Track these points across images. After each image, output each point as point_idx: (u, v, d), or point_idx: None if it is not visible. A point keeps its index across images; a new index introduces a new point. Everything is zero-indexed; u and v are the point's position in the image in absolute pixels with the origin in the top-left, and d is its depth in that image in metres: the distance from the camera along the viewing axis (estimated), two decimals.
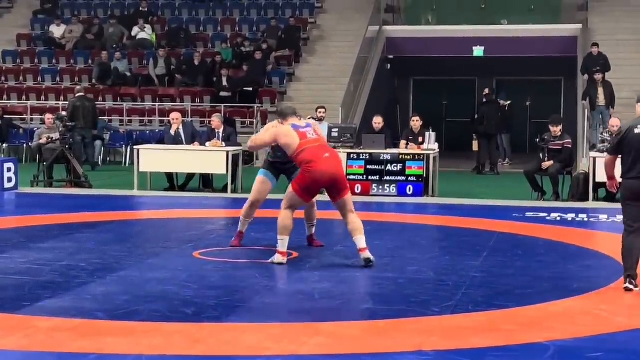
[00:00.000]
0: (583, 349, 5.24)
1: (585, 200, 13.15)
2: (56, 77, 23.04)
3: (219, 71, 21.65)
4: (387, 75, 24.36)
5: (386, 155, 13.74)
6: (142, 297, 6.49)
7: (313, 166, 7.79)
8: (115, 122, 21.36)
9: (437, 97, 25.88)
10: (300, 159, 7.89)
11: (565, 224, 10.83)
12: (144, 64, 23.08)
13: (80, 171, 14.67)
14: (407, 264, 7.97)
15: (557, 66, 23.21)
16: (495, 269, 7.76)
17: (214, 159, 14.00)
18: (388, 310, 6.14)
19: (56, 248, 8.59)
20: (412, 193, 13.53)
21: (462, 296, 6.61)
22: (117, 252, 8.41)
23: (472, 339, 5.39)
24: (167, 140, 14.70)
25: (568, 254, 8.68)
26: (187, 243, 9.00)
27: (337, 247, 8.91)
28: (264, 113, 21.02)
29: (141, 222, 11.41)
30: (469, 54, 22.85)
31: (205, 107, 21.34)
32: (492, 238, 9.60)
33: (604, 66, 19.18)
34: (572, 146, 14.09)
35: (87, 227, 10.14)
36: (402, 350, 5.14)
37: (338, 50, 22.95)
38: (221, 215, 11.95)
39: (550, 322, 5.86)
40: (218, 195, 13.89)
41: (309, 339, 5.35)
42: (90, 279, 7.14)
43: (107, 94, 22.18)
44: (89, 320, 5.77)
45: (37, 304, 6.18)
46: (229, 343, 5.28)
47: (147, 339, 5.35)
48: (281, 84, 22.17)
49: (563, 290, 6.86)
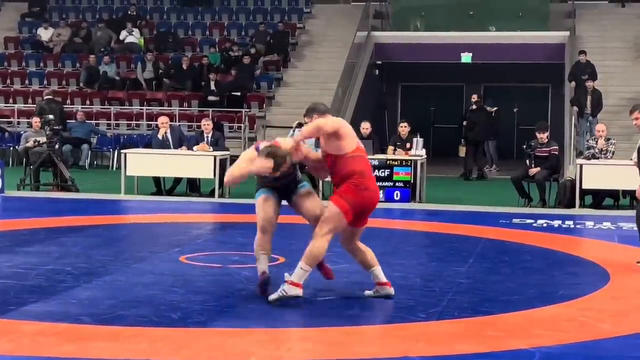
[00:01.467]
0: (568, 356, 5.25)
1: (571, 206, 13.20)
2: (43, 81, 22.99)
3: (207, 75, 21.64)
4: (375, 80, 24.39)
5: (374, 160, 13.75)
6: (128, 301, 6.47)
7: (368, 183, 6.40)
8: (102, 126, 21.31)
9: (425, 103, 25.91)
10: (350, 168, 6.39)
11: (552, 230, 10.86)
12: (132, 68, 23.05)
13: (67, 175, 14.63)
14: (393, 269, 7.95)
15: (544, 73, 23.30)
16: (482, 275, 7.78)
17: (202, 164, 13.99)
18: (374, 316, 6.15)
19: (42, 252, 8.56)
20: (400, 199, 13.55)
21: (448, 302, 6.62)
22: (103, 257, 8.38)
23: (457, 345, 5.40)
24: (155, 145, 14.68)
25: (554, 261, 8.70)
26: (174, 247, 8.98)
27: None
28: (252, 118, 21.02)
29: (128, 227, 11.38)
30: (457, 60, 22.90)
31: (193, 111, 21.33)
32: (479, 244, 9.62)
33: (592, 74, 19.27)
34: (559, 153, 14.14)
35: (73, 231, 10.11)
36: (388, 356, 5.14)
37: (326, 56, 22.98)
38: (208, 220, 11.94)
39: (535, 328, 5.88)
40: (205, 200, 13.88)
41: (295, 344, 5.35)
42: (76, 283, 7.11)
43: (94, 97, 22.14)
44: (74, 324, 5.75)
45: (22, 308, 6.15)
46: (214, 348, 5.27)
47: (132, 343, 5.33)
48: (269, 88, 22.18)
49: (548, 296, 6.88)
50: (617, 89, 20.26)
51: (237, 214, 11.74)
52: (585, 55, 19.72)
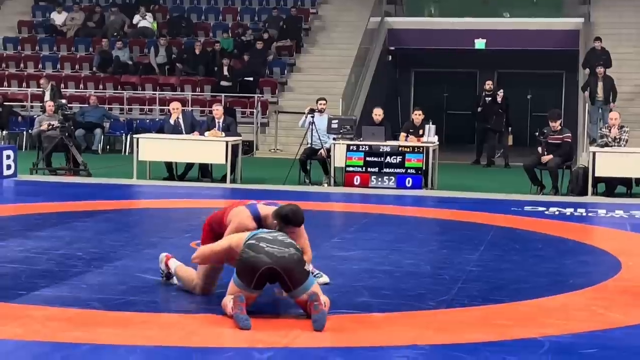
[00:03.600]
0: (578, 345, 5.24)
1: (584, 194, 13.15)
2: (57, 65, 23.05)
3: (220, 61, 21.62)
4: (388, 66, 24.34)
5: (386, 147, 13.73)
6: (138, 287, 6.49)
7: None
8: (115, 111, 21.36)
9: (438, 90, 25.85)
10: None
11: (564, 218, 10.82)
12: (145, 53, 23.07)
13: (79, 159, 14.67)
14: (404, 257, 7.96)
15: (558, 60, 23.20)
16: (492, 263, 7.76)
17: (213, 149, 13.99)
18: (383, 303, 6.13)
19: (53, 237, 8.59)
20: (411, 185, 13.53)
21: (458, 290, 6.61)
22: (115, 242, 8.41)
23: (467, 333, 5.39)
24: (167, 130, 14.69)
25: (565, 249, 8.67)
26: (185, 233, 9.00)
27: (333, 239, 8.90)
28: (264, 103, 21.01)
29: (139, 212, 11.40)
30: (470, 47, 22.83)
31: (206, 96, 21.33)
32: (490, 232, 9.60)
33: (607, 61, 19.16)
34: (572, 140, 14.07)
35: (85, 216, 10.14)
36: (397, 344, 5.14)
37: (339, 41, 22.93)
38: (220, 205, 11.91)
39: (545, 317, 5.86)
40: (217, 185, 13.89)
41: (302, 331, 5.35)
42: (87, 268, 7.13)
43: (107, 82, 22.18)
44: (84, 310, 5.76)
45: (32, 293, 6.18)
46: (224, 335, 5.28)
47: (142, 329, 5.35)
48: (282, 74, 22.15)
49: (559, 285, 6.86)
50: (631, 76, 20.15)
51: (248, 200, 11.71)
52: (600, 42, 19.60)
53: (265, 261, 5.49)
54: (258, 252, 5.53)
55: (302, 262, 5.64)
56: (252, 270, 5.52)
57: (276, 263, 5.49)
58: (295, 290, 5.57)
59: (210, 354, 4.92)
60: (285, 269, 5.50)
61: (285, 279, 5.51)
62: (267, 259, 5.49)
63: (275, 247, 5.55)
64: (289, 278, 5.52)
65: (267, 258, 5.50)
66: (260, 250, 5.54)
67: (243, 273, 5.56)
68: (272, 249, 5.54)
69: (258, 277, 5.52)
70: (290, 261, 5.53)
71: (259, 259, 5.50)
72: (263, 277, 5.54)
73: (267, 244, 5.58)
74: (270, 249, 5.54)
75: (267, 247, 5.55)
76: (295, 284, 5.53)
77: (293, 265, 5.53)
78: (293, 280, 5.52)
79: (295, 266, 5.55)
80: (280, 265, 5.49)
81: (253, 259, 5.52)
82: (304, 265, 5.68)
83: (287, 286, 5.57)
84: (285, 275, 5.50)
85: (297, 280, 5.54)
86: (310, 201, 11.65)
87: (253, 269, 5.51)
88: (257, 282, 5.55)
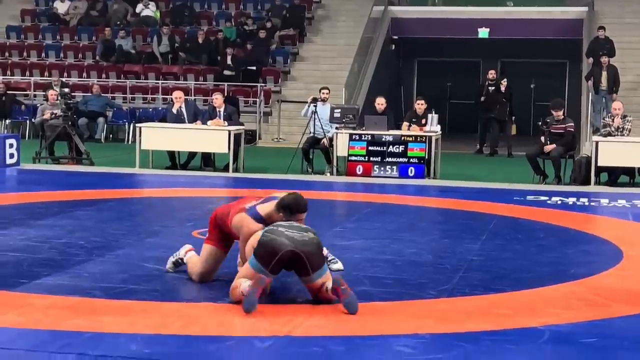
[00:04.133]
0: (578, 334, 5.24)
1: (587, 184, 13.13)
2: (60, 54, 23.03)
3: (223, 50, 21.59)
4: (391, 56, 24.29)
5: (388, 136, 13.72)
6: (140, 276, 6.50)
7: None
8: (118, 100, 21.35)
9: (441, 79, 25.81)
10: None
11: (566, 207, 10.82)
12: (148, 42, 23.04)
13: (82, 148, 14.68)
14: (406, 246, 7.97)
15: (562, 49, 23.14)
16: (494, 253, 7.76)
17: (216, 138, 13.99)
18: (384, 292, 6.14)
19: (56, 225, 8.60)
20: (414, 175, 13.53)
21: (459, 279, 6.61)
22: (117, 230, 8.42)
23: (467, 322, 5.39)
24: (169, 119, 14.70)
25: (567, 239, 8.67)
26: (187, 222, 9.01)
27: (335, 228, 8.91)
28: (267, 92, 21.00)
29: (141, 201, 11.42)
30: (473, 36, 22.78)
31: (209, 85, 21.31)
32: (492, 221, 9.60)
33: (610, 50, 19.11)
34: (575, 130, 14.05)
35: (87, 205, 10.15)
36: (397, 333, 5.15)
37: (342, 30, 22.89)
38: (222, 194, 11.95)
39: (546, 307, 5.86)
40: (219, 174, 13.89)
41: (304, 320, 5.36)
42: (89, 257, 7.14)
43: (110, 71, 22.16)
44: (86, 298, 5.77)
45: (34, 282, 6.19)
46: (225, 324, 5.29)
47: (143, 318, 5.36)
48: (285, 63, 22.12)
49: (560, 275, 6.86)
50: (635, 65, 20.09)
51: (250, 189, 11.74)
52: (604, 31, 19.55)
53: (287, 244, 5.53)
54: (279, 235, 5.57)
55: (320, 246, 5.70)
56: (272, 252, 5.54)
57: (297, 247, 5.53)
58: (312, 275, 5.60)
59: (212, 342, 4.92)
60: (307, 253, 5.54)
61: (305, 262, 5.55)
62: (288, 242, 5.54)
63: (295, 232, 5.60)
64: (310, 262, 5.55)
65: (288, 241, 5.54)
66: (280, 234, 5.58)
67: (263, 255, 5.57)
68: (292, 233, 5.59)
69: (277, 261, 5.54)
70: (311, 244, 5.58)
71: (280, 242, 5.53)
72: (282, 261, 5.56)
73: (286, 228, 5.63)
74: (290, 233, 5.59)
75: (286, 232, 5.59)
76: (314, 268, 5.58)
77: (314, 249, 5.59)
78: (313, 264, 5.57)
79: (316, 250, 5.61)
80: (302, 249, 5.54)
81: (274, 242, 5.54)
82: (322, 250, 5.73)
83: (306, 270, 5.59)
84: (307, 259, 5.53)
85: (316, 264, 5.59)
86: (312, 190, 11.65)
87: (274, 251, 5.53)
88: (275, 266, 5.57)
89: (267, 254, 5.56)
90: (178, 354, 4.69)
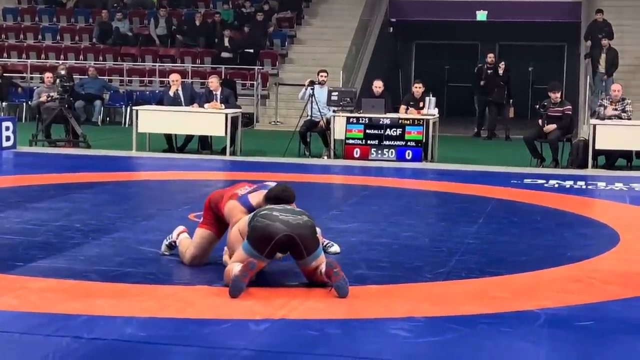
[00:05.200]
0: (574, 318, 5.24)
1: (584, 167, 13.13)
2: (56, 36, 22.96)
3: (220, 32, 21.52)
4: (389, 38, 24.23)
5: (386, 119, 13.70)
6: (135, 259, 6.49)
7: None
8: (115, 82, 21.30)
9: (439, 62, 25.76)
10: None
11: (564, 191, 10.81)
12: (145, 24, 22.97)
13: (78, 131, 14.65)
14: (402, 229, 7.96)
15: (560, 32, 23.09)
16: (491, 236, 7.75)
17: (213, 121, 13.96)
18: (380, 276, 6.13)
19: (52, 208, 8.59)
20: (411, 158, 13.51)
21: (455, 263, 6.60)
22: (113, 213, 8.40)
23: (463, 306, 5.39)
24: (166, 102, 14.66)
25: (564, 222, 8.66)
26: (184, 205, 8.98)
27: (332, 211, 8.90)
28: (265, 75, 20.95)
29: (138, 184, 11.40)
30: (472, 18, 22.71)
31: (206, 68, 21.25)
32: (489, 204, 9.58)
33: (609, 33, 19.07)
34: (573, 113, 14.03)
35: (83, 188, 10.13)
36: (393, 316, 5.14)
37: (340, 13, 22.81)
38: (219, 177, 11.94)
39: (542, 290, 5.86)
40: (216, 158, 13.87)
41: (299, 303, 5.35)
42: (85, 240, 7.13)
43: (107, 53, 22.10)
44: (81, 281, 5.76)
45: (30, 265, 6.18)
46: (220, 307, 5.28)
47: (139, 301, 5.35)
48: (282, 46, 22.06)
49: (557, 258, 6.85)
50: (633, 48, 20.05)
51: (248, 172, 11.73)
52: (602, 14, 19.50)
53: (282, 228, 5.50)
54: (273, 220, 5.53)
55: (315, 229, 5.69)
56: (268, 237, 5.51)
57: (293, 230, 5.51)
58: (307, 258, 5.59)
59: (207, 325, 4.92)
60: (302, 236, 5.53)
61: (300, 246, 5.54)
62: (283, 226, 5.51)
63: (289, 215, 5.58)
64: (305, 245, 5.54)
65: (282, 225, 5.51)
66: (274, 218, 5.54)
67: (257, 241, 5.54)
68: (286, 216, 5.56)
69: (273, 245, 5.53)
70: (305, 228, 5.57)
71: (275, 226, 5.50)
72: (278, 245, 5.55)
73: (280, 212, 5.60)
74: (284, 217, 5.56)
75: (280, 216, 5.56)
76: (309, 251, 5.57)
77: (308, 232, 5.57)
78: (308, 247, 5.55)
79: (310, 233, 5.60)
80: (297, 232, 5.52)
81: (269, 227, 5.51)
82: (316, 233, 5.71)
83: (301, 254, 5.58)
84: (302, 242, 5.52)
85: (311, 247, 5.58)
86: (309, 174, 11.65)
87: (269, 237, 5.50)
88: (270, 250, 5.55)
89: (263, 239, 5.54)
90: (174, 337, 4.68)
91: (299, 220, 5.58)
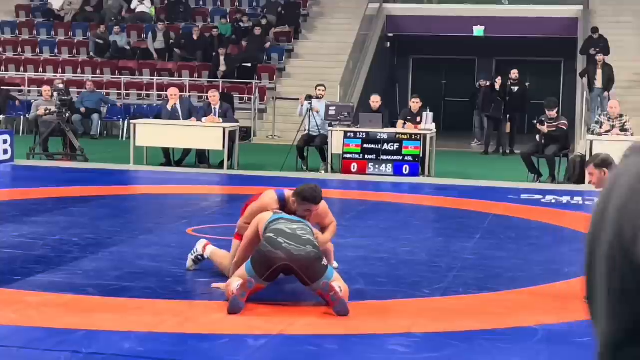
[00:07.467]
0: (571, 334, 5.25)
1: (581, 183, 13.12)
2: (54, 49, 22.96)
3: (218, 47, 21.56)
4: (387, 53, 24.27)
5: (383, 134, 13.72)
6: (133, 273, 6.49)
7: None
8: (113, 96, 21.30)
9: (436, 77, 25.80)
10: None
11: (560, 206, 10.83)
12: (143, 38, 23.00)
13: (76, 144, 14.65)
14: (400, 244, 7.97)
15: (557, 47, 23.14)
16: (488, 252, 7.76)
17: (211, 135, 13.98)
18: (378, 291, 6.14)
19: (50, 222, 8.59)
20: (408, 173, 13.52)
21: (453, 278, 6.61)
22: (111, 227, 8.41)
23: (461, 321, 5.40)
24: (164, 116, 14.67)
25: (561, 237, 8.68)
26: (181, 219, 8.99)
27: None
28: (262, 89, 20.97)
29: (136, 198, 11.40)
30: (469, 34, 22.77)
31: (203, 82, 21.28)
32: (486, 220, 9.60)
33: (604, 49, 19.13)
34: (570, 128, 14.05)
35: (81, 202, 10.13)
36: (391, 332, 5.15)
37: (338, 28, 22.87)
38: (216, 191, 11.95)
39: (540, 306, 5.87)
40: (214, 172, 13.88)
41: (298, 319, 5.36)
42: (83, 254, 7.13)
43: (105, 67, 22.11)
44: (79, 295, 5.77)
45: (28, 279, 6.18)
46: (218, 322, 5.29)
47: (137, 315, 5.35)
48: (280, 60, 22.09)
49: (554, 274, 6.86)
50: (630, 64, 20.10)
51: (245, 186, 11.73)
52: (598, 32, 19.58)
53: (282, 258, 5.52)
54: (276, 247, 5.54)
55: (319, 259, 5.65)
56: (267, 263, 5.54)
57: (292, 261, 5.52)
58: (311, 285, 5.61)
59: (205, 340, 4.92)
60: (301, 267, 5.54)
61: (301, 275, 5.56)
62: (284, 255, 5.52)
63: (292, 245, 5.56)
64: (305, 274, 5.56)
65: (283, 254, 5.52)
66: (278, 246, 5.55)
67: (258, 264, 5.57)
68: (289, 245, 5.55)
69: (272, 272, 5.56)
70: (307, 259, 5.55)
71: (276, 254, 5.52)
72: (277, 271, 5.58)
73: (286, 239, 5.59)
74: (287, 245, 5.55)
75: (284, 244, 5.56)
76: (311, 279, 5.57)
77: (309, 263, 5.56)
78: (309, 276, 5.57)
79: (312, 264, 5.57)
80: (296, 263, 5.53)
81: (270, 254, 5.54)
82: (321, 262, 5.67)
83: (304, 281, 5.62)
84: (301, 272, 5.54)
85: (314, 276, 5.57)
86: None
87: (269, 263, 5.53)
88: (269, 275, 5.58)
89: (263, 263, 5.56)
90: (172, 352, 4.69)
91: (302, 252, 5.56)
